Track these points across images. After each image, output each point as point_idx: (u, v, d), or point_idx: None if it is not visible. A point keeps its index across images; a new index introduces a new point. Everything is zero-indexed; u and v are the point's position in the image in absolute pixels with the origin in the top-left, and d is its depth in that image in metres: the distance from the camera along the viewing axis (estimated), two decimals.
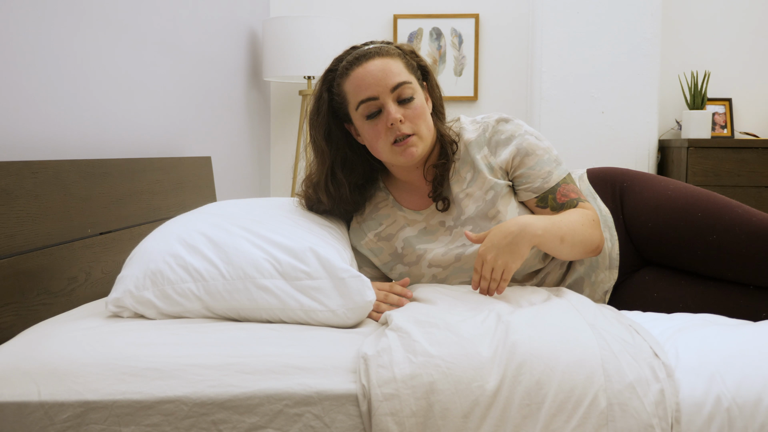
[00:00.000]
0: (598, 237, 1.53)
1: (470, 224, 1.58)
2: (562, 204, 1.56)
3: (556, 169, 1.58)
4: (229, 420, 1.13)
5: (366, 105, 1.51)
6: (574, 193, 1.57)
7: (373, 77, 1.50)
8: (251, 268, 1.38)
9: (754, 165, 3.26)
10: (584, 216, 1.52)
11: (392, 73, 1.50)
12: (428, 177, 1.60)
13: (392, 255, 1.65)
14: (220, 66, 3.04)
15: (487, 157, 1.59)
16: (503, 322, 1.24)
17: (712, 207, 1.56)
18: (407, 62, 1.56)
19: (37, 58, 1.68)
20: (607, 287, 1.61)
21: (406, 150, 1.51)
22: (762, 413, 1.11)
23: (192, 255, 1.41)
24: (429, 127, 1.55)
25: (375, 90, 1.50)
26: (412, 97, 1.51)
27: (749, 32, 3.68)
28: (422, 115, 1.53)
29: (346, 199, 1.62)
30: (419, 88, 1.55)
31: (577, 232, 1.48)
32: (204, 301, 1.38)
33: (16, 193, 1.44)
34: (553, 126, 3.46)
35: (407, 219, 1.64)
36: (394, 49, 1.56)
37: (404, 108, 1.51)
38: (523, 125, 1.60)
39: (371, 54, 1.52)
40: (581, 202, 1.57)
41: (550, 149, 1.59)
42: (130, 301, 1.39)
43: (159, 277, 1.39)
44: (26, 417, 1.13)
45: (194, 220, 1.53)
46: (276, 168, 3.88)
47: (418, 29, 3.78)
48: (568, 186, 1.58)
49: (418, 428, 1.10)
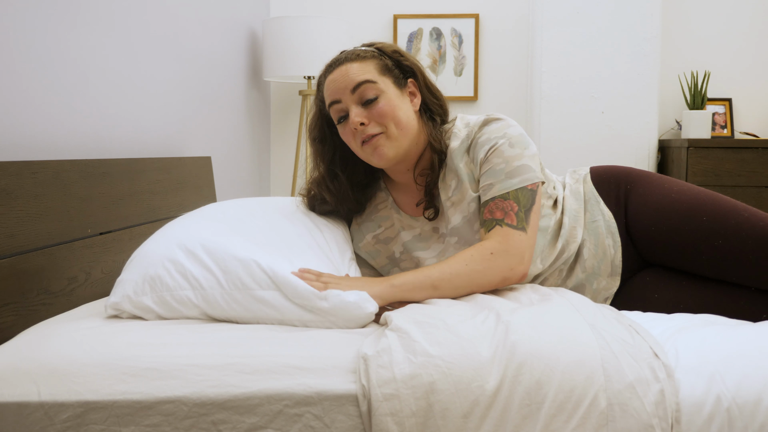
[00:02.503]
0: (498, 271, 1.43)
1: (455, 235, 1.56)
2: (485, 221, 1.49)
3: (501, 182, 1.49)
4: (229, 420, 1.13)
5: (333, 109, 1.54)
6: (501, 212, 1.47)
7: (335, 83, 1.53)
8: (248, 278, 1.36)
9: (754, 165, 3.26)
10: (477, 252, 1.43)
11: (353, 75, 1.51)
12: (419, 182, 1.59)
13: (389, 258, 1.65)
14: (220, 66, 3.04)
15: (468, 165, 1.56)
16: (503, 322, 1.24)
17: (717, 210, 1.53)
18: (381, 62, 1.55)
19: (37, 58, 1.68)
20: (609, 294, 1.60)
21: (374, 151, 1.52)
22: (762, 413, 1.11)
23: (191, 262, 1.40)
24: (403, 126, 1.52)
25: (337, 94, 1.53)
26: (375, 97, 1.51)
27: (749, 32, 3.68)
28: (388, 114, 1.51)
29: (348, 196, 1.62)
30: (390, 88, 1.53)
31: (459, 274, 1.41)
32: (202, 309, 1.37)
33: (16, 193, 1.44)
34: (553, 126, 3.46)
35: (403, 223, 1.63)
36: (369, 51, 1.56)
37: (368, 109, 1.51)
38: (506, 127, 1.54)
39: (341, 60, 1.55)
40: (500, 225, 1.46)
41: (512, 159, 1.49)
42: (129, 306, 1.39)
43: (158, 283, 1.38)
44: (26, 417, 1.13)
45: (195, 225, 1.52)
46: (276, 168, 3.88)
47: (418, 29, 3.78)
48: (503, 203, 1.48)
49: (418, 428, 1.10)
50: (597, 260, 1.59)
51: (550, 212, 1.60)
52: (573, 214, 1.62)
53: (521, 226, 1.47)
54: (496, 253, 1.44)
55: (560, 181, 1.70)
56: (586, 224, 1.61)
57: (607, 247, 1.59)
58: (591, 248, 1.59)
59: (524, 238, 1.47)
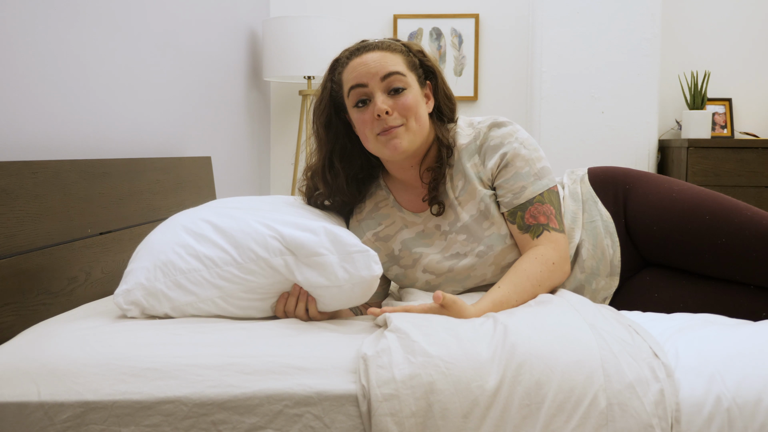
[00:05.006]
0: (559, 277, 1.50)
1: (464, 232, 1.57)
2: (529, 226, 1.51)
3: (532, 184, 1.52)
4: (229, 420, 1.13)
5: (355, 91, 1.52)
6: (544, 217, 1.51)
7: (366, 66, 1.51)
8: (260, 248, 1.37)
9: (754, 165, 3.26)
10: (540, 265, 1.46)
11: (386, 63, 1.51)
12: (424, 179, 1.60)
13: (389, 256, 1.65)
14: (220, 66, 3.04)
15: (477, 166, 1.57)
16: (502, 322, 1.24)
17: (719, 209, 1.54)
18: (409, 59, 1.56)
19: (37, 57, 1.68)
20: (608, 294, 1.60)
21: (390, 141, 1.51)
22: (762, 413, 1.11)
23: (201, 243, 1.40)
24: (421, 123, 1.54)
25: (365, 77, 1.51)
26: (403, 89, 1.51)
27: (749, 32, 3.68)
28: (413, 108, 1.51)
29: (343, 189, 1.62)
30: (415, 85, 1.54)
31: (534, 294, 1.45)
32: (220, 287, 1.37)
33: (16, 193, 1.44)
34: (553, 126, 3.46)
35: (405, 221, 1.63)
36: (399, 45, 1.57)
37: (393, 99, 1.51)
38: (516, 131, 1.56)
39: (372, 46, 1.54)
40: (548, 230, 1.51)
41: (534, 161, 1.54)
42: (141, 293, 1.37)
43: (170, 268, 1.38)
44: (26, 417, 1.13)
45: (198, 211, 1.53)
46: (276, 168, 3.88)
47: (418, 29, 3.78)
48: (542, 206, 1.52)
49: (418, 428, 1.10)
50: (596, 260, 1.59)
51: None
52: (571, 215, 1.63)
53: (562, 229, 1.54)
54: (557, 263, 1.49)
55: (558, 182, 1.70)
56: (584, 224, 1.62)
57: (606, 247, 1.59)
58: (589, 248, 1.60)
59: (566, 239, 1.55)
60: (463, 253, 1.56)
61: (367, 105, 1.52)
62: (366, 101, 1.52)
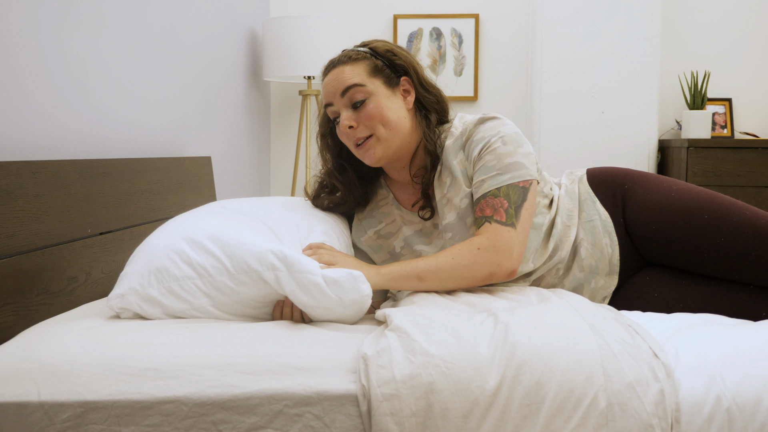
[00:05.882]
0: (486, 265, 1.45)
1: (450, 231, 1.57)
2: (476, 219, 1.51)
3: (492, 179, 1.50)
4: (229, 420, 1.13)
5: (328, 111, 1.61)
6: (490, 209, 1.48)
7: (328, 86, 1.58)
8: (254, 260, 1.36)
9: (754, 165, 3.26)
10: (465, 247, 1.45)
11: (343, 79, 1.56)
12: (416, 180, 1.61)
13: (390, 253, 1.65)
14: (220, 66, 3.04)
15: (462, 162, 1.58)
16: (502, 322, 1.24)
17: (718, 208, 1.54)
18: (371, 63, 1.57)
19: (37, 58, 1.68)
20: (607, 293, 1.60)
21: (365, 153, 1.57)
22: (762, 413, 1.11)
23: (196, 251, 1.40)
24: (392, 126, 1.55)
25: (329, 97, 1.58)
26: (362, 101, 1.54)
27: (749, 32, 3.68)
28: (376, 116, 1.54)
29: (356, 187, 1.67)
30: (380, 89, 1.56)
31: (445, 267, 1.44)
32: (211, 297, 1.37)
33: (16, 193, 1.44)
34: (553, 126, 3.46)
35: (405, 219, 1.64)
36: (362, 52, 1.59)
37: (356, 112, 1.55)
38: (501, 126, 1.55)
39: (335, 63, 1.59)
40: (489, 222, 1.47)
41: (504, 156, 1.50)
42: (134, 299, 1.38)
43: (164, 274, 1.38)
44: (26, 417, 1.13)
45: (197, 218, 1.53)
46: (276, 168, 3.88)
47: (418, 29, 3.78)
48: (493, 200, 1.49)
49: (418, 428, 1.10)
50: (594, 259, 1.59)
51: (544, 211, 1.61)
52: (567, 214, 1.62)
53: (510, 222, 1.47)
54: (483, 249, 1.45)
55: (556, 183, 1.70)
56: (583, 224, 1.62)
57: (605, 246, 1.59)
58: (588, 247, 1.60)
59: (513, 234, 1.47)
60: None
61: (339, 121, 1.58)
62: (337, 118, 1.59)
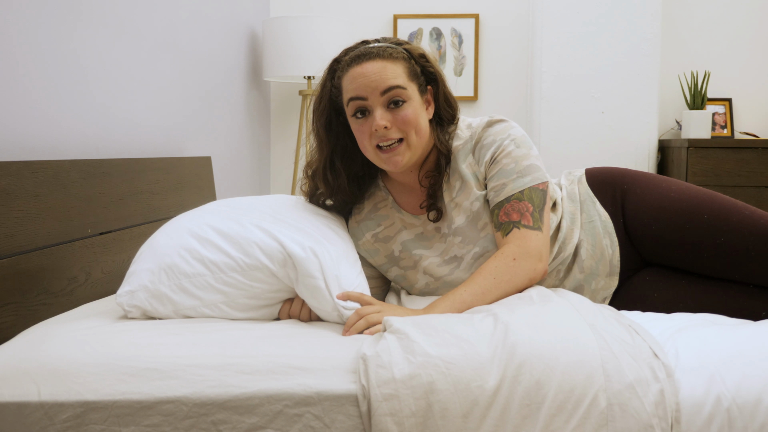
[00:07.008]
0: (524, 274, 1.45)
1: (460, 234, 1.56)
2: (501, 224, 1.49)
3: (513, 182, 1.50)
4: (229, 420, 1.13)
5: (354, 103, 1.49)
6: (517, 214, 1.48)
7: (366, 78, 1.47)
8: (265, 257, 1.38)
9: (754, 165, 3.26)
10: (501, 262, 1.44)
11: (386, 77, 1.47)
12: (423, 183, 1.58)
13: (388, 257, 1.64)
14: (220, 66, 3.04)
15: (472, 166, 1.56)
16: (502, 322, 1.24)
17: (717, 209, 1.54)
18: (410, 67, 1.52)
19: (37, 58, 1.68)
20: (607, 294, 1.60)
21: (390, 158, 1.50)
22: (762, 413, 1.11)
23: (206, 248, 1.41)
24: (421, 135, 1.51)
25: (365, 91, 1.48)
26: (402, 102, 1.48)
27: (749, 32, 3.68)
28: (412, 122, 1.49)
29: (344, 189, 1.61)
30: (416, 95, 1.51)
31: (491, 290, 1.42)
32: (225, 293, 1.38)
33: (16, 193, 1.44)
34: (553, 126, 3.46)
35: (405, 222, 1.63)
36: (400, 51, 1.52)
37: (393, 113, 1.48)
38: (510, 128, 1.55)
39: (373, 54, 1.49)
40: (518, 228, 1.47)
41: (521, 159, 1.51)
42: (144, 295, 1.38)
43: (175, 271, 1.39)
44: (26, 417, 1.13)
45: (203, 215, 1.52)
46: (276, 168, 3.88)
47: (418, 29, 3.78)
48: (518, 204, 1.49)
49: (418, 428, 1.10)
50: (595, 260, 1.59)
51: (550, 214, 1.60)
52: (569, 216, 1.62)
53: (537, 226, 1.49)
54: (518, 258, 1.45)
55: (556, 183, 1.70)
56: (583, 225, 1.62)
57: (605, 247, 1.59)
58: (588, 248, 1.59)
59: (540, 237, 1.49)
60: (460, 255, 1.56)
61: (366, 117, 1.50)
62: (365, 112, 1.50)
